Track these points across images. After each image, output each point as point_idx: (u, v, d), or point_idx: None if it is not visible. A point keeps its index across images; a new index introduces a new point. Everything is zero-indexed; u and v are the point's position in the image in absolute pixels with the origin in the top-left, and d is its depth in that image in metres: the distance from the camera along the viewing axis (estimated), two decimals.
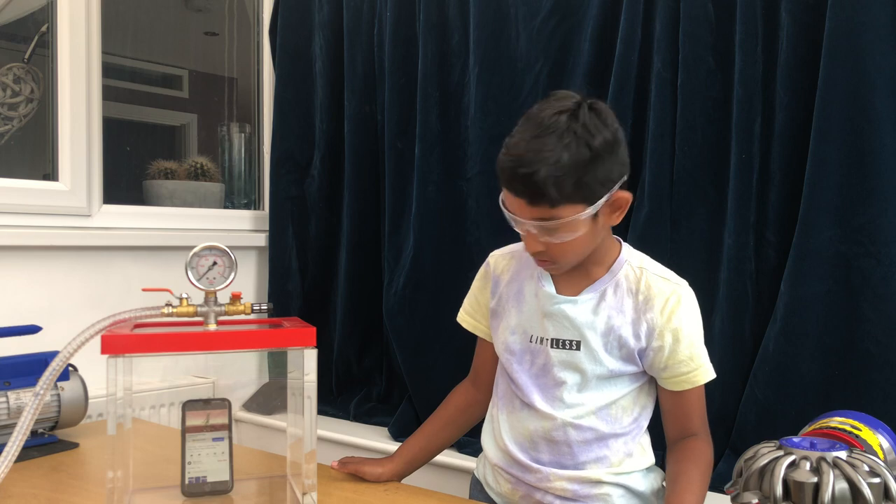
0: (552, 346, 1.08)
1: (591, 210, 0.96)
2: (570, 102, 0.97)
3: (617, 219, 1.02)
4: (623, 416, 1.08)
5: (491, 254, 1.21)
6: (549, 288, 1.09)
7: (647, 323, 1.04)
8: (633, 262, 1.08)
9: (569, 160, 0.93)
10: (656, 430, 1.12)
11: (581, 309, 1.06)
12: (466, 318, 1.22)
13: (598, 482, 1.06)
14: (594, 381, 1.06)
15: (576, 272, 1.08)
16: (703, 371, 1.05)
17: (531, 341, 1.10)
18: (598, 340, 1.05)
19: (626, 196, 1.00)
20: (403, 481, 1.18)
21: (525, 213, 0.98)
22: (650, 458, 1.11)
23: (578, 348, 1.06)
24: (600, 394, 1.07)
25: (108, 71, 1.90)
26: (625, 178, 1.00)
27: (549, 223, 0.96)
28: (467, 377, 1.26)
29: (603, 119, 0.97)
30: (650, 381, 1.10)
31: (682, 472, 1.04)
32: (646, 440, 1.12)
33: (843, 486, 0.73)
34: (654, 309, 1.04)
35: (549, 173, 0.92)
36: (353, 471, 1.15)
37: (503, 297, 1.15)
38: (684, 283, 1.07)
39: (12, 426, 1.07)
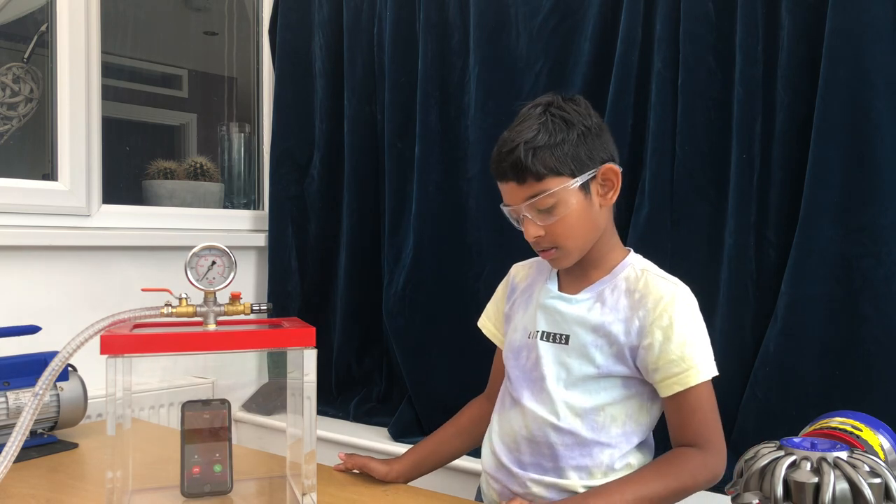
0: (542, 339, 1.09)
1: (578, 180, 1.01)
2: (547, 97, 1.07)
3: (611, 198, 1.05)
4: (611, 425, 1.04)
5: (513, 265, 1.24)
6: (552, 285, 1.12)
7: (638, 320, 1.02)
8: (636, 265, 1.08)
9: (546, 134, 1.01)
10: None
11: (575, 307, 1.07)
12: (488, 324, 1.25)
13: (576, 493, 1.03)
14: (581, 380, 1.04)
15: (579, 273, 1.09)
16: (694, 372, 0.99)
17: (529, 337, 1.11)
18: (586, 336, 1.05)
19: (615, 169, 1.04)
20: (410, 485, 1.17)
21: (517, 196, 1.03)
22: None
23: (567, 342, 1.06)
24: (588, 395, 1.04)
25: (108, 70, 1.90)
26: (614, 162, 1.05)
27: (539, 198, 1.01)
28: (483, 392, 1.27)
29: (581, 107, 1.05)
30: (649, 396, 1.05)
31: (643, 467, 1.03)
32: (636, 459, 1.05)
33: (843, 486, 0.73)
34: (646, 305, 1.02)
35: (528, 147, 1.00)
36: (360, 465, 1.15)
37: (517, 301, 1.18)
38: (686, 287, 1.05)
39: (11, 426, 1.07)
